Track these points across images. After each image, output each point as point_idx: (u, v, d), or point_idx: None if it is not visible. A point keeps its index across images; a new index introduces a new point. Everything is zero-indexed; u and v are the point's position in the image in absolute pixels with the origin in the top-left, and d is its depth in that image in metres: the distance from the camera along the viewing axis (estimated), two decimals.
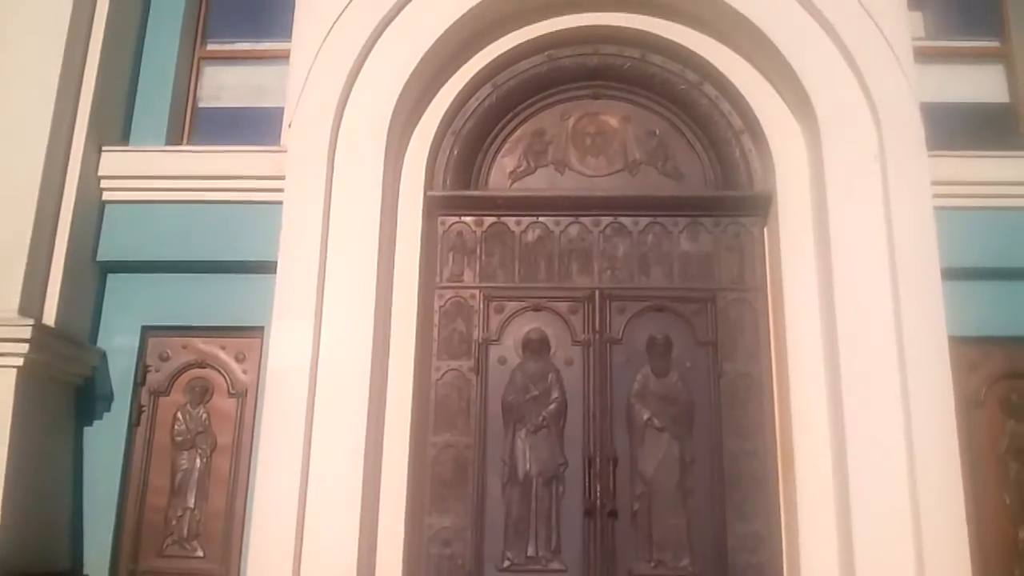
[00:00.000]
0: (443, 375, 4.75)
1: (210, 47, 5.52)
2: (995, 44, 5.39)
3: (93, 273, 4.92)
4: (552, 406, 4.68)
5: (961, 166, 4.72)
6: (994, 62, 5.36)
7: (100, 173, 4.94)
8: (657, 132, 5.13)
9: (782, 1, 4.75)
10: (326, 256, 4.49)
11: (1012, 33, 5.36)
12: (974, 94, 5.31)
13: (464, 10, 4.85)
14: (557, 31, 5.09)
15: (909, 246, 4.39)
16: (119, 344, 4.89)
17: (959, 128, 5.06)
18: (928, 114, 4.67)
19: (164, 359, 4.92)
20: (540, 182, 5.10)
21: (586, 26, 5.09)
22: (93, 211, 4.91)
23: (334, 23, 4.83)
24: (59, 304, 4.62)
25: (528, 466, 4.61)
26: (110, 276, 5.00)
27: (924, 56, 5.04)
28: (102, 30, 4.98)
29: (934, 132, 4.65)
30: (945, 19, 5.45)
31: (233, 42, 5.54)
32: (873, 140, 4.56)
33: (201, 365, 4.90)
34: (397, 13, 4.86)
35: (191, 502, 4.72)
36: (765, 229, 4.91)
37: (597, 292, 4.83)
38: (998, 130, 5.19)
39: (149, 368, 4.89)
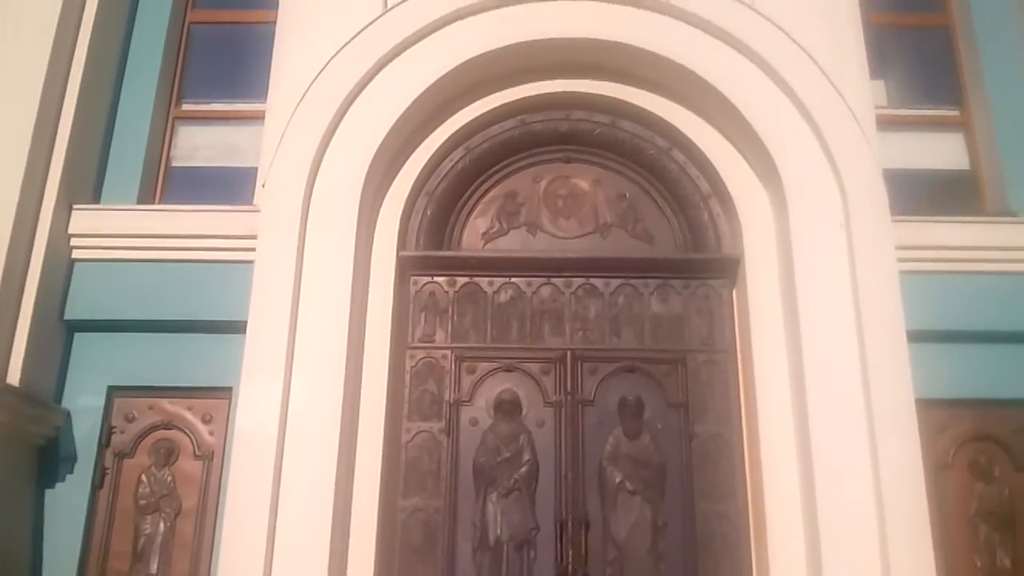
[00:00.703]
0: (413, 437, 4.71)
1: (185, 107, 5.56)
2: (955, 113, 5.55)
3: (60, 332, 4.86)
4: (523, 469, 4.63)
5: (924, 231, 4.83)
6: (954, 130, 5.53)
7: (70, 231, 4.91)
8: (627, 195, 5.21)
9: (748, 71, 4.88)
10: (297, 316, 4.47)
11: (970, 102, 5.53)
12: (935, 161, 5.46)
13: (439, 75, 4.93)
14: (529, 96, 5.19)
15: (875, 309, 4.46)
16: (84, 404, 4.80)
17: (922, 194, 5.19)
18: (891, 180, 4.78)
19: (130, 420, 4.84)
20: (513, 243, 5.14)
21: (558, 92, 5.19)
22: (62, 269, 4.87)
23: (310, 85, 4.88)
24: (24, 363, 4.55)
25: (499, 530, 4.55)
26: (77, 335, 4.93)
27: (886, 124, 5.19)
28: (77, 88, 5.00)
29: (897, 198, 4.75)
30: (906, 88, 5.62)
31: (208, 102, 5.58)
32: (838, 205, 4.66)
33: (167, 426, 4.82)
34: (372, 77, 4.93)
35: (154, 567, 4.60)
36: (734, 291, 4.97)
37: (569, 353, 4.83)
38: (959, 196, 5.33)
39: (114, 429, 4.80)
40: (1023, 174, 5.19)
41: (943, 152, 5.48)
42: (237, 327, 4.49)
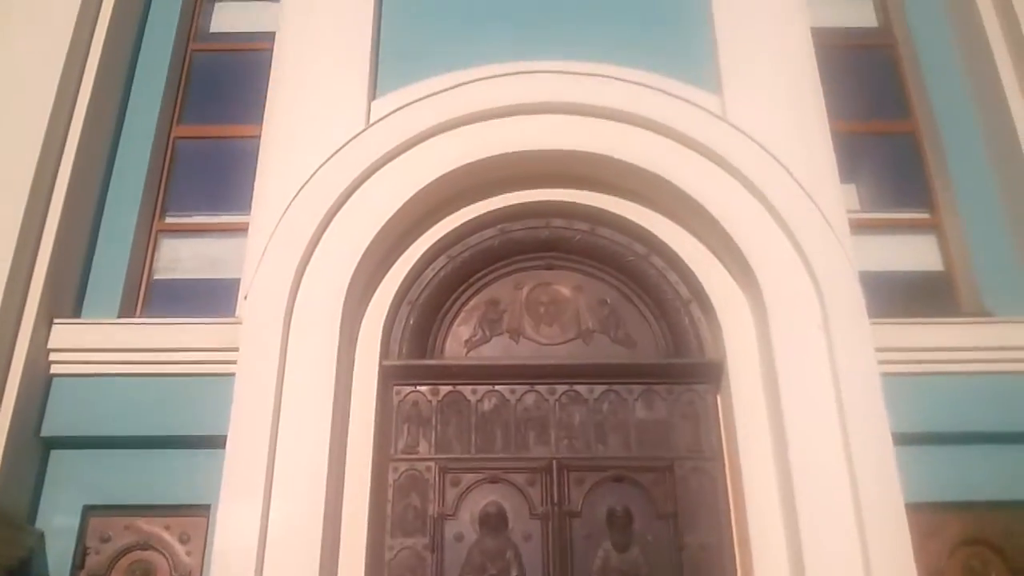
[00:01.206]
0: (396, 554, 4.57)
1: (168, 220, 5.59)
2: (926, 215, 5.68)
3: (36, 449, 4.75)
4: None
5: (903, 333, 4.87)
6: (926, 232, 5.64)
7: (50, 346, 4.85)
8: (608, 301, 5.25)
9: (723, 180, 5.01)
10: (278, 430, 4.41)
11: (941, 204, 5.66)
12: (909, 263, 5.55)
13: (420, 187, 5.03)
14: (510, 205, 5.29)
15: (859, 413, 4.46)
16: (59, 525, 4.65)
17: (898, 296, 5.26)
18: (867, 283, 4.85)
19: (105, 540, 4.68)
20: (495, 351, 5.14)
21: (538, 201, 5.30)
22: (39, 385, 4.79)
23: (293, 198, 4.96)
24: None
25: None
26: (53, 452, 4.81)
27: (859, 227, 5.30)
28: (61, 203, 5.01)
29: (874, 300, 4.81)
30: (877, 192, 5.77)
31: (192, 215, 5.62)
32: (816, 309, 4.71)
33: (143, 547, 4.67)
34: (355, 189, 5.02)
35: None
36: (718, 396, 4.96)
37: (555, 462, 4.77)
38: (935, 297, 5.40)
39: (89, 550, 4.64)
40: (996, 274, 5.27)
41: (916, 254, 5.58)
42: (216, 442, 4.42)
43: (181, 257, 5.51)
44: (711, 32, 5.64)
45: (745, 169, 5.00)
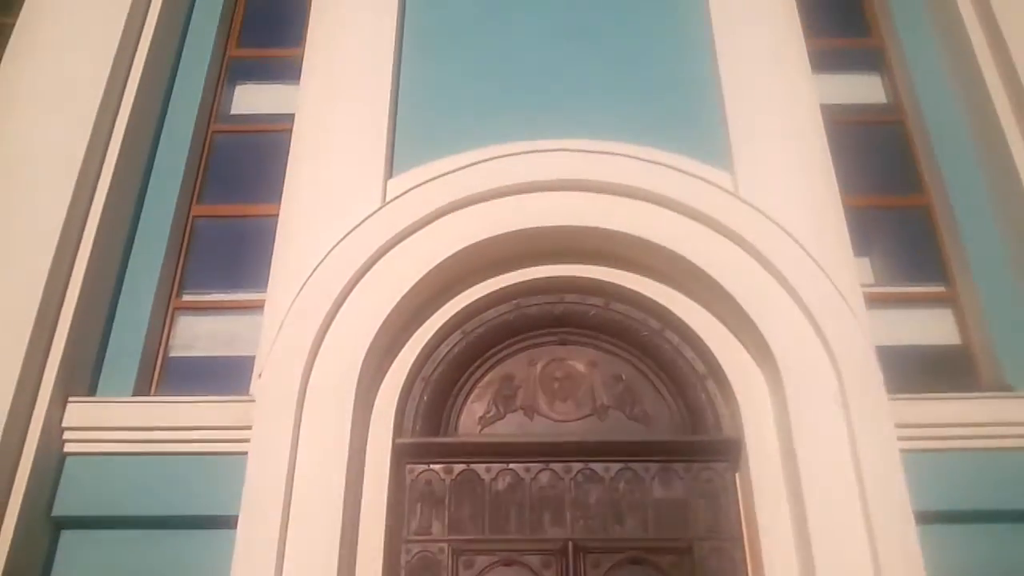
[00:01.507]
0: None
1: (186, 298, 5.65)
2: (941, 288, 5.65)
3: (47, 530, 4.71)
4: None
5: (922, 408, 4.80)
6: (942, 306, 5.60)
7: (64, 424, 4.86)
8: (623, 377, 5.22)
9: (736, 255, 5.03)
10: (289, 510, 4.37)
11: (956, 278, 5.64)
12: (926, 337, 5.50)
13: (434, 263, 5.07)
14: (524, 281, 5.30)
15: (880, 491, 4.37)
16: None
17: (916, 370, 5.19)
18: (884, 357, 4.81)
19: None
20: (510, 428, 5.10)
21: (551, 277, 5.32)
22: (52, 464, 4.78)
23: (310, 275, 5.00)
24: (7, 564, 4.37)
25: None
26: (64, 532, 4.77)
27: (875, 301, 5.28)
28: (80, 281, 5.07)
29: (892, 375, 4.76)
30: (891, 265, 5.76)
31: (209, 292, 5.68)
32: (833, 385, 4.67)
33: None
34: (370, 266, 5.06)
35: None
36: (737, 474, 4.88)
37: (570, 544, 4.67)
38: (953, 371, 5.33)
39: None
40: (1015, 348, 5.20)
41: (933, 328, 5.54)
42: (228, 522, 4.38)
43: (197, 335, 5.54)
44: (722, 109, 5.73)
45: (758, 244, 5.01)
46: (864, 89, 6.40)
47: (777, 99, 5.75)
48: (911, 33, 6.31)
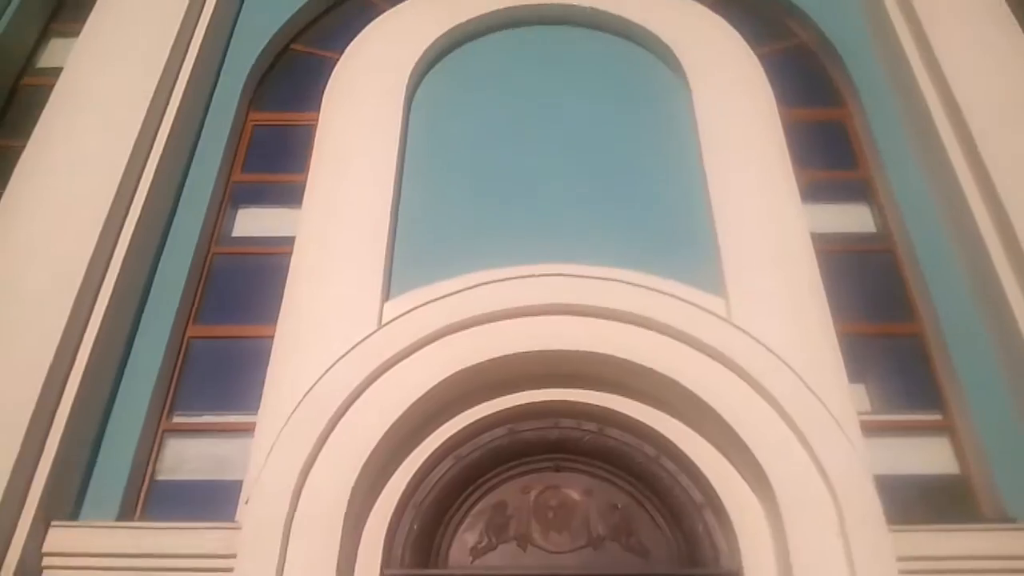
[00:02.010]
0: None
1: (176, 419, 5.58)
2: (938, 417, 5.61)
3: None
4: None
5: (924, 540, 4.68)
6: (939, 434, 5.54)
7: (44, 549, 4.72)
8: (619, 506, 5.11)
9: (731, 382, 5.03)
10: None
11: (952, 405, 5.60)
12: (925, 466, 5.41)
13: (428, 387, 5.06)
14: (518, 406, 5.28)
15: None
16: None
17: (915, 500, 5.10)
18: (883, 487, 4.75)
19: None
20: (502, 559, 4.95)
21: (546, 401, 5.30)
22: None
23: (302, 398, 4.99)
24: None
25: None
26: None
27: (871, 429, 5.23)
28: (70, 403, 5.00)
29: (891, 505, 4.69)
30: (887, 393, 5.71)
31: (200, 414, 5.61)
32: (833, 516, 4.59)
33: None
34: (364, 389, 5.06)
35: None
36: None
37: None
38: (953, 502, 5.22)
39: None
40: (1015, 478, 5.11)
41: (931, 457, 5.44)
42: None
43: (186, 457, 5.44)
44: (713, 235, 5.86)
45: (753, 371, 5.02)
46: (853, 219, 6.52)
47: (768, 226, 5.88)
48: (896, 164, 6.47)
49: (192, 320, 5.96)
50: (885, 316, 6.02)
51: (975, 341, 5.67)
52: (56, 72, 6.61)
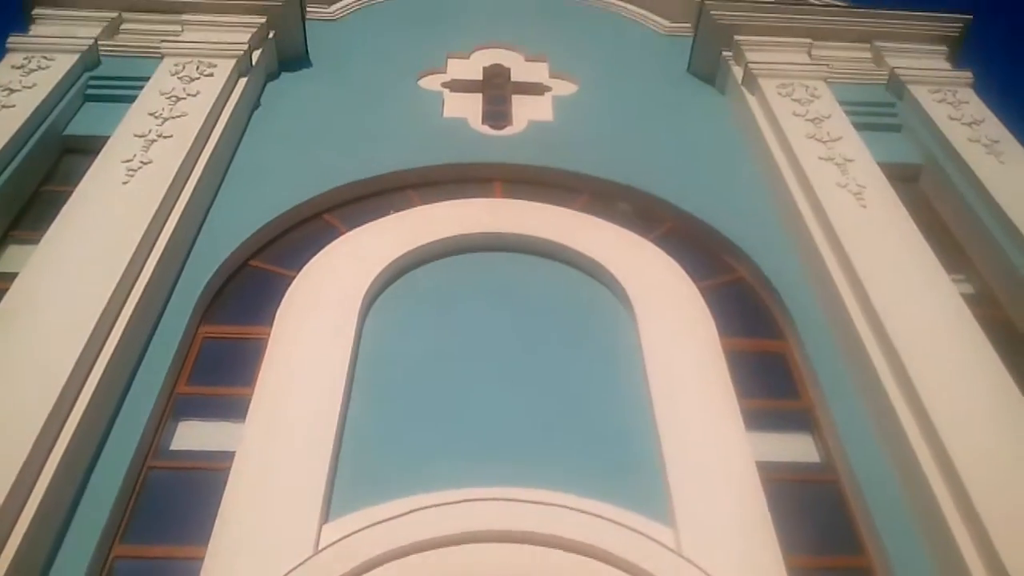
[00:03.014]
0: None
1: None
2: None
3: None
4: None
5: None
6: None
7: None
8: None
9: None
10: None
11: None
12: None
13: None
14: None
15: None
16: None
17: None
18: None
19: None
20: None
21: None
22: None
23: None
24: None
25: None
26: None
27: None
28: None
29: None
30: None
31: None
32: None
33: None
34: None
35: None
36: None
37: None
38: None
39: None
40: None
41: None
42: None
43: None
44: (661, 463, 5.87)
45: None
46: (797, 448, 6.60)
47: (715, 455, 5.93)
48: (837, 395, 6.63)
49: (118, 539, 5.64)
50: (833, 548, 5.93)
51: (921, 572, 5.60)
52: (11, 277, 6.64)
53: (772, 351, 7.25)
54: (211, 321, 7.16)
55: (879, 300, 6.78)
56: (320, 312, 6.80)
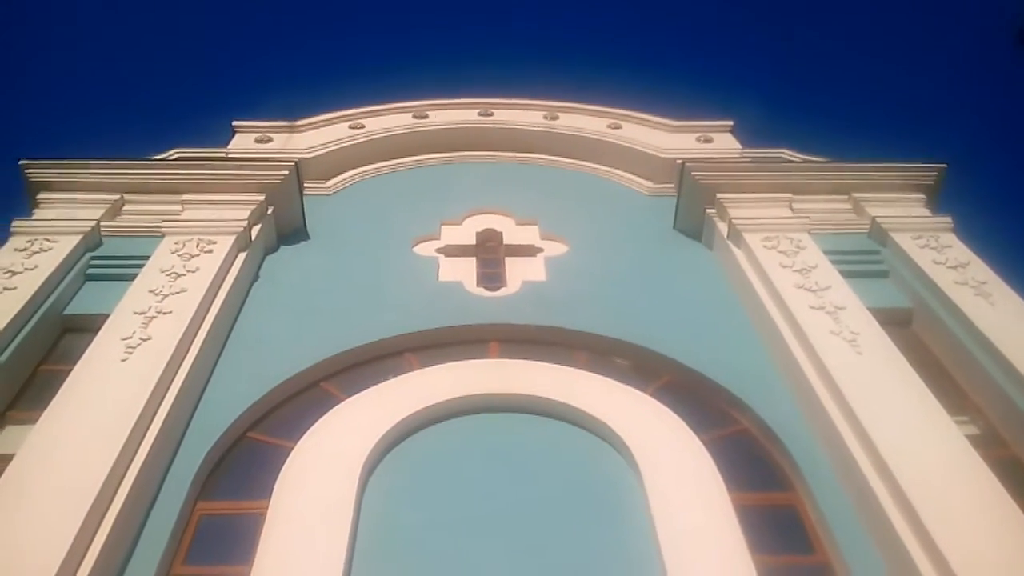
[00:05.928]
0: None
1: None
2: None
3: None
4: None
5: None
6: None
7: None
8: None
9: None
10: None
11: None
12: None
13: None
14: None
15: None
16: None
17: None
18: None
19: None
20: None
21: None
22: None
23: None
24: None
25: None
26: None
27: None
28: None
29: None
30: None
31: None
32: None
33: None
34: None
35: None
36: None
37: None
38: None
39: None
40: None
41: None
42: None
43: None
44: None
45: None
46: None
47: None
48: (852, 547, 6.41)
49: None
50: None
51: None
52: (8, 458, 6.52)
53: (782, 503, 7.07)
54: (208, 496, 7.00)
55: (884, 447, 6.67)
56: (319, 484, 6.66)
